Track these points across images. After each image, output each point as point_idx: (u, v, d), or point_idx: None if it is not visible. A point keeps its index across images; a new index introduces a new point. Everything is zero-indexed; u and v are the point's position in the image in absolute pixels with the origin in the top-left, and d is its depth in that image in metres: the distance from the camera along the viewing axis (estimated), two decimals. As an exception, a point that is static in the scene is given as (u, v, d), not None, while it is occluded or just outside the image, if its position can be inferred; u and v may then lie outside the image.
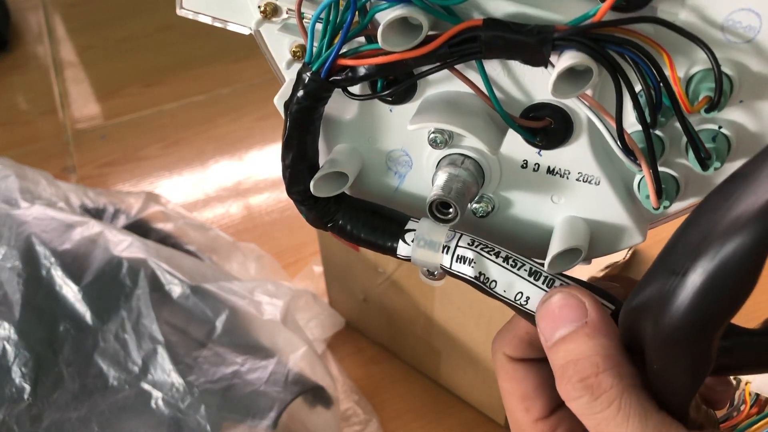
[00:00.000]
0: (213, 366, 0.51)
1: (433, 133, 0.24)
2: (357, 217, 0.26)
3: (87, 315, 0.52)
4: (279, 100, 0.26)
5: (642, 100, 0.21)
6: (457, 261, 0.24)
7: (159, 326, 0.51)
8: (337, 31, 0.22)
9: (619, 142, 0.22)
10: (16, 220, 0.55)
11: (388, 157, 0.27)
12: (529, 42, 0.20)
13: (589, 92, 0.21)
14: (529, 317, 0.24)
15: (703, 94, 0.20)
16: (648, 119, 0.21)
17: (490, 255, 0.24)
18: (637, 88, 0.21)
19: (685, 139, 0.22)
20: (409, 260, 0.25)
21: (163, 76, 0.98)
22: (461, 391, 0.63)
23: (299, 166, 0.25)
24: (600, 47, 0.20)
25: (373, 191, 0.27)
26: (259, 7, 0.24)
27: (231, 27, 0.26)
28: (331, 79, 0.23)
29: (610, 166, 0.24)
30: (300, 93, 0.24)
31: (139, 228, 0.64)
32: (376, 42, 0.21)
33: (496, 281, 0.24)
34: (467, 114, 0.24)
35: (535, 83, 0.23)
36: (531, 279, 0.24)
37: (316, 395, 0.53)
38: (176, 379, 0.50)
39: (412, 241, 0.25)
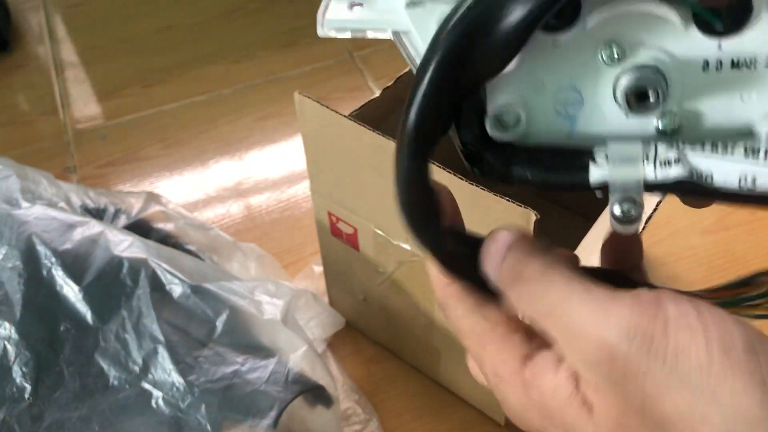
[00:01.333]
0: (213, 365, 0.51)
1: (607, 44, 0.22)
2: (536, 158, 0.24)
3: (88, 315, 0.52)
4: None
5: None
6: (662, 166, 0.22)
7: (159, 326, 0.51)
8: None
9: None
10: (17, 220, 0.55)
11: (555, 100, 0.24)
12: None
13: None
14: (761, 200, 0.22)
15: None
16: None
17: (696, 148, 0.22)
18: None
19: None
20: (601, 188, 0.23)
21: (163, 76, 0.98)
22: (461, 391, 0.63)
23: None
24: None
25: (542, 144, 0.25)
26: None
27: (370, 34, 0.26)
28: None
29: None
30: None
31: (140, 228, 0.64)
32: None
33: (711, 174, 0.22)
34: (643, 6, 0.22)
35: None
36: (750, 158, 0.21)
37: (317, 395, 0.54)
38: (177, 379, 0.50)
39: (607, 161, 0.23)
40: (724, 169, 0.21)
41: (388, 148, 0.47)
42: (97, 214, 0.64)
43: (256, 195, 0.82)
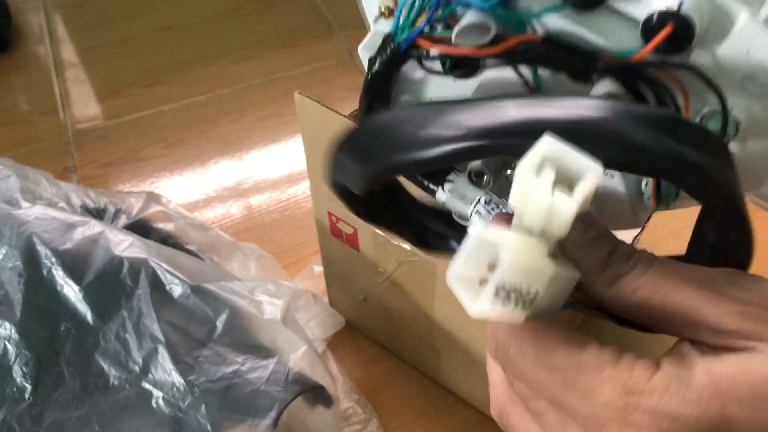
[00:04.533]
0: (213, 365, 0.51)
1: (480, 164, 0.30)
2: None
3: (88, 314, 0.52)
4: (363, 50, 0.31)
5: None
6: (474, 214, 0.28)
7: (160, 326, 0.51)
8: (421, 13, 0.26)
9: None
10: (17, 220, 0.55)
11: None
12: (576, 65, 0.25)
13: None
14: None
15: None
16: None
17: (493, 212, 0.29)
18: None
19: None
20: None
21: (163, 76, 0.98)
22: (461, 391, 0.63)
23: (370, 110, 0.31)
24: (633, 81, 0.24)
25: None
26: None
27: None
28: (410, 52, 0.28)
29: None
30: (382, 57, 0.28)
31: (140, 228, 0.64)
32: (452, 29, 0.25)
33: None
34: None
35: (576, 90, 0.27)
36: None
37: (317, 394, 0.54)
38: (177, 379, 0.50)
39: (448, 190, 0.29)
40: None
41: (388, 148, 0.47)
42: (98, 214, 0.64)
43: (256, 195, 0.82)
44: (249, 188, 0.83)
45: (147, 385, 0.50)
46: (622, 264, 0.23)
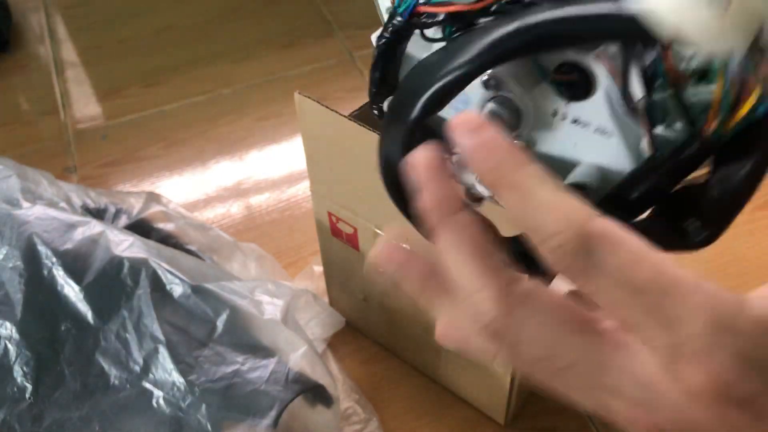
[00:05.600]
0: (214, 365, 0.51)
1: (489, 76, 0.29)
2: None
3: (88, 314, 0.52)
4: (375, 36, 0.32)
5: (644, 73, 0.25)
6: (479, 182, 0.28)
7: (160, 326, 0.52)
8: None
9: (625, 101, 0.26)
10: (17, 220, 0.55)
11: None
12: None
13: (606, 57, 0.26)
14: None
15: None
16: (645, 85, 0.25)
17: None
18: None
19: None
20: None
21: (163, 76, 0.98)
22: (461, 390, 0.63)
23: (381, 88, 0.31)
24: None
25: (434, 121, 0.32)
26: None
27: None
28: (412, 20, 0.29)
29: (623, 124, 0.28)
30: (388, 29, 0.30)
31: (141, 228, 0.64)
32: None
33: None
34: (515, 64, 0.28)
35: None
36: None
37: (317, 394, 0.54)
38: (177, 379, 0.50)
39: (455, 161, 0.29)
40: None
41: (388, 148, 0.47)
42: (98, 214, 0.64)
43: (256, 195, 0.82)
44: (249, 188, 0.83)
45: (147, 385, 0.50)
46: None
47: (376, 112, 0.32)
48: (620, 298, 0.20)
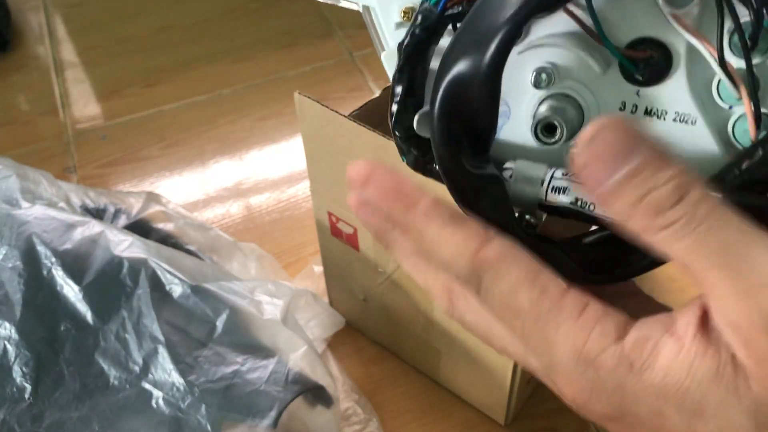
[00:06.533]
0: (213, 365, 0.51)
1: (538, 70, 0.25)
2: None
3: (88, 315, 0.52)
4: (386, 57, 0.28)
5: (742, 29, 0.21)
6: (552, 192, 0.24)
7: (160, 326, 0.51)
8: None
9: (720, 68, 0.22)
10: (17, 220, 0.55)
11: None
12: None
13: (689, 21, 0.22)
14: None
15: None
16: (749, 43, 0.21)
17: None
18: (741, 19, 0.21)
19: None
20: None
21: (163, 76, 0.98)
22: (461, 391, 0.63)
23: (407, 100, 0.26)
24: None
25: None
26: None
27: (343, 3, 0.29)
28: (446, 13, 0.25)
29: (706, 106, 0.24)
30: (417, 26, 0.25)
31: (140, 228, 0.64)
32: None
33: (594, 203, 0.23)
34: (575, 45, 0.24)
35: (638, 17, 0.24)
36: None
37: (317, 395, 0.54)
38: (177, 379, 0.50)
39: (510, 177, 0.25)
40: None
41: (388, 148, 0.47)
42: (97, 214, 0.64)
43: (256, 195, 0.82)
44: (249, 188, 0.83)
45: (147, 385, 0.50)
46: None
47: (398, 133, 0.27)
48: (507, 319, 0.22)
